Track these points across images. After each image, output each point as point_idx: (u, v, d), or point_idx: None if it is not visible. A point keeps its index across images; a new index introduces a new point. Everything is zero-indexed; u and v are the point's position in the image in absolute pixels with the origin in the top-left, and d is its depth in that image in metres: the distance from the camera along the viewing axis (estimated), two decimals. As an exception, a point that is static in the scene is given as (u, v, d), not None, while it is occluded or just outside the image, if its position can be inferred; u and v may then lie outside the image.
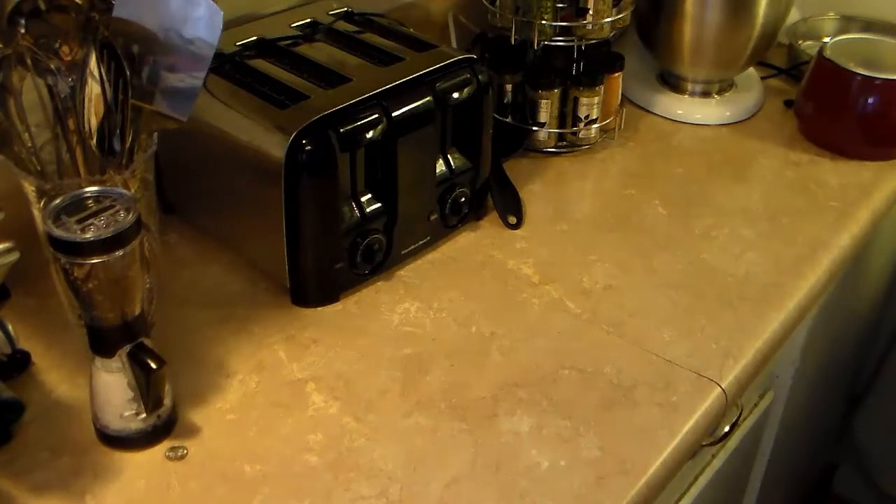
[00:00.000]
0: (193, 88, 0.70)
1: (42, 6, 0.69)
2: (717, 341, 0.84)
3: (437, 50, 0.93)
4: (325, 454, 0.71)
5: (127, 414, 0.70)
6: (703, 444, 0.81)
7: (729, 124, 1.22)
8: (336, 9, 1.02)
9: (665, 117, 1.23)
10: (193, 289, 0.88)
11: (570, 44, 1.08)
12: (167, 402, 0.71)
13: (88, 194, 0.64)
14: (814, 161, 1.13)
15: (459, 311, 0.86)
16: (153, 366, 0.67)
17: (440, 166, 0.92)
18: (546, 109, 1.10)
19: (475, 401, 0.77)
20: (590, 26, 1.07)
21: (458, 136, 0.92)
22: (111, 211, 0.63)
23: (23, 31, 0.69)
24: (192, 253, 0.93)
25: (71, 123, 0.72)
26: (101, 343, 0.67)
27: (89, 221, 0.62)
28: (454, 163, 0.93)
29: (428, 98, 0.87)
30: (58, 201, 0.63)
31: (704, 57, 1.20)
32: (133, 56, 0.69)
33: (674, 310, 0.87)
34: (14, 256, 0.71)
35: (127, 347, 0.67)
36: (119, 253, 0.62)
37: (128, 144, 0.71)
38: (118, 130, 0.71)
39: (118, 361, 0.67)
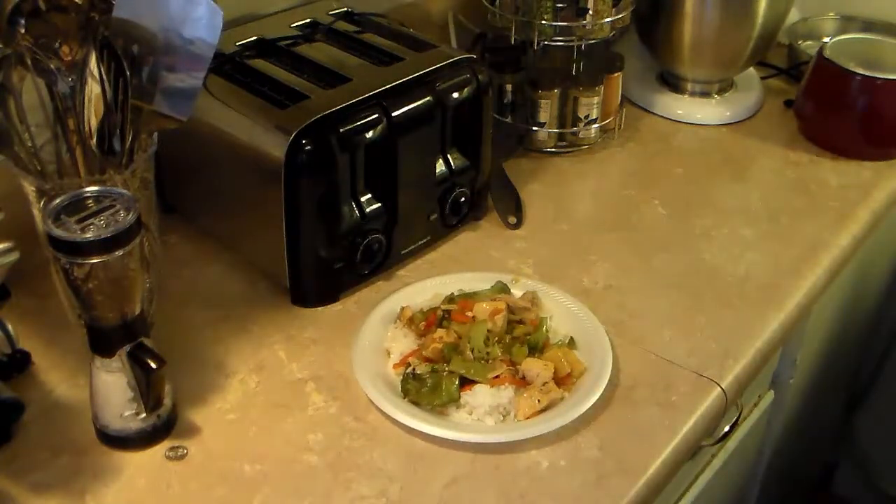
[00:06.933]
0: (193, 88, 0.70)
1: (42, 6, 0.69)
2: (717, 341, 0.83)
3: (437, 50, 0.93)
4: (325, 454, 0.71)
5: (127, 414, 0.70)
6: (703, 444, 0.81)
7: (729, 124, 1.22)
8: (336, 9, 1.02)
9: (665, 117, 1.23)
10: (193, 289, 0.88)
11: (570, 44, 1.08)
12: (167, 402, 0.71)
13: (88, 194, 0.64)
14: (814, 161, 1.13)
15: (459, 311, 0.86)
16: (153, 366, 0.67)
17: (440, 166, 0.92)
18: (546, 109, 1.10)
19: (475, 401, 0.76)
20: (590, 26, 1.07)
21: (458, 136, 0.92)
22: (111, 211, 0.63)
23: (23, 31, 0.69)
24: (192, 253, 0.93)
25: (71, 123, 0.72)
26: (101, 343, 0.67)
27: (89, 221, 0.62)
28: (454, 163, 0.93)
29: (428, 98, 0.87)
30: (58, 201, 0.63)
31: (704, 57, 1.20)
32: (133, 56, 0.69)
33: (674, 310, 0.87)
34: (14, 256, 0.71)
35: (127, 347, 0.67)
36: (119, 253, 0.62)
37: (128, 144, 0.71)
38: (118, 130, 0.71)
39: (118, 361, 0.67)
